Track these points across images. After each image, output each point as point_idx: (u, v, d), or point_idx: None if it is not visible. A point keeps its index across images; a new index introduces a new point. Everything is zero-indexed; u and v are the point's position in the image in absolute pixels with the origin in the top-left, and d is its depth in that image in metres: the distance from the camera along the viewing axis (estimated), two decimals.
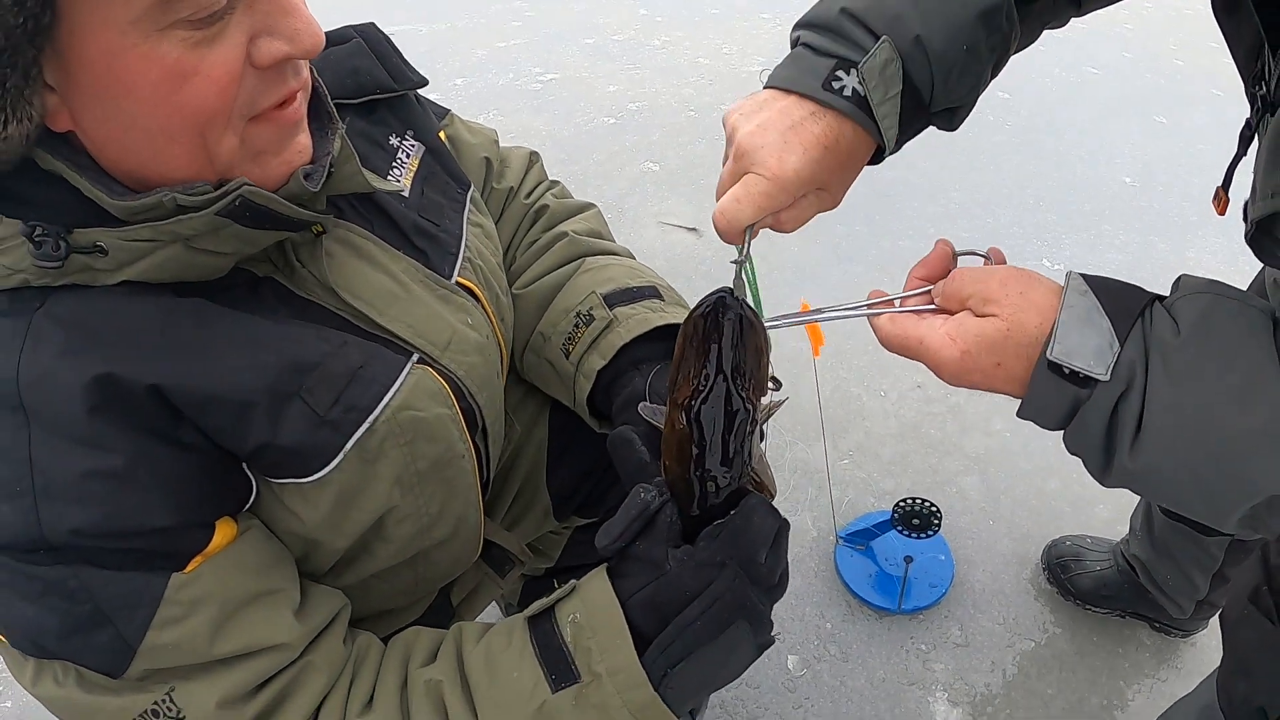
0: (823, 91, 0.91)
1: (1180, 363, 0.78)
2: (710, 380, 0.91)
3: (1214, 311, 0.79)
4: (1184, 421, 0.77)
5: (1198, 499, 0.81)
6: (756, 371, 0.94)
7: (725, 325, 0.90)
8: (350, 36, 1.17)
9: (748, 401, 0.92)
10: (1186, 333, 0.78)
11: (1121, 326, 0.81)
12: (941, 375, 0.91)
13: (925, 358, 0.92)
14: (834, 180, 0.95)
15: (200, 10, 0.76)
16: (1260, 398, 0.75)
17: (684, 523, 0.97)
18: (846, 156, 0.94)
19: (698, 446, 0.92)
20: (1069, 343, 0.82)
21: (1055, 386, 0.83)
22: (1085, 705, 2.08)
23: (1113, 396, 0.80)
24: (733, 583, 0.93)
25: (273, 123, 0.89)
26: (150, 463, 0.87)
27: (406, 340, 1.06)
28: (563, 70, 4.65)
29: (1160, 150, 4.06)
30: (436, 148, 1.24)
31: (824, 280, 3.25)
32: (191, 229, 0.86)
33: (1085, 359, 0.81)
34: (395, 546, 1.09)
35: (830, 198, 0.97)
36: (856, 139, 0.93)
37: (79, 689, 0.90)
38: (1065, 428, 0.86)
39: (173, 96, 0.79)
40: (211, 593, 0.91)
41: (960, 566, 2.32)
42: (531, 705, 0.95)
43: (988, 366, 0.87)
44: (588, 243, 1.39)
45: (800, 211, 0.97)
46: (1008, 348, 0.85)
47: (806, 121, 0.91)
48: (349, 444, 0.98)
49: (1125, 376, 0.80)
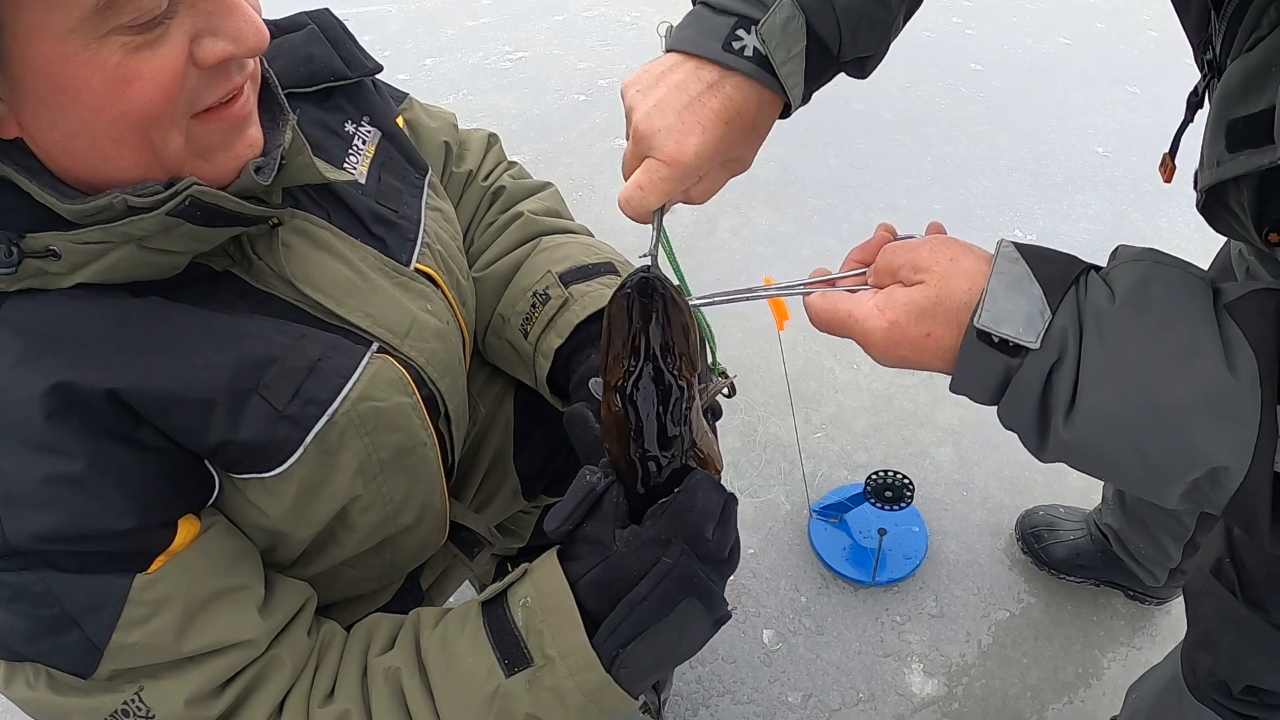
0: (723, 54, 0.87)
1: (1116, 330, 0.75)
2: (639, 361, 0.90)
3: (1151, 278, 0.77)
4: (1120, 390, 0.75)
5: (1138, 470, 0.78)
6: (685, 348, 0.93)
7: (648, 305, 0.89)
8: (304, 23, 1.16)
9: (680, 378, 0.92)
10: (1122, 299, 0.76)
11: (1054, 294, 0.78)
12: (871, 351, 0.88)
13: (854, 331, 0.89)
14: (741, 149, 0.93)
15: (140, 15, 0.76)
16: (1200, 364, 0.73)
17: (631, 502, 0.97)
18: (751, 122, 0.90)
19: (634, 427, 0.91)
20: (998, 310, 0.79)
21: (985, 356, 0.80)
22: (1061, 674, 2.09)
23: (1045, 365, 0.77)
24: (679, 559, 0.93)
25: (219, 119, 0.88)
26: (110, 466, 0.86)
27: (366, 330, 1.06)
28: (532, 48, 4.62)
29: (1133, 120, 4.08)
30: (393, 133, 1.23)
31: (795, 254, 3.25)
32: (143, 230, 0.86)
33: (1015, 326, 0.78)
34: (361, 535, 1.10)
35: (740, 164, 0.95)
36: (761, 101, 0.90)
37: (50, 691, 0.90)
38: (999, 401, 0.83)
39: (117, 100, 0.79)
40: (176, 592, 0.91)
41: (934, 538, 2.33)
42: (486, 690, 0.95)
43: (917, 337, 0.84)
44: (544, 222, 1.39)
45: (709, 184, 0.95)
46: (937, 315, 0.82)
47: (704, 96, 0.87)
48: (309, 437, 0.97)
49: (1057, 345, 0.77)
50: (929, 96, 4.22)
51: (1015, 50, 4.64)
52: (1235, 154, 0.81)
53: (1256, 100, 0.77)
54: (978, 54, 4.59)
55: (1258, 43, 0.80)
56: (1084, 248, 3.20)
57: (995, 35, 4.81)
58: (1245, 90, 0.80)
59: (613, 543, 0.95)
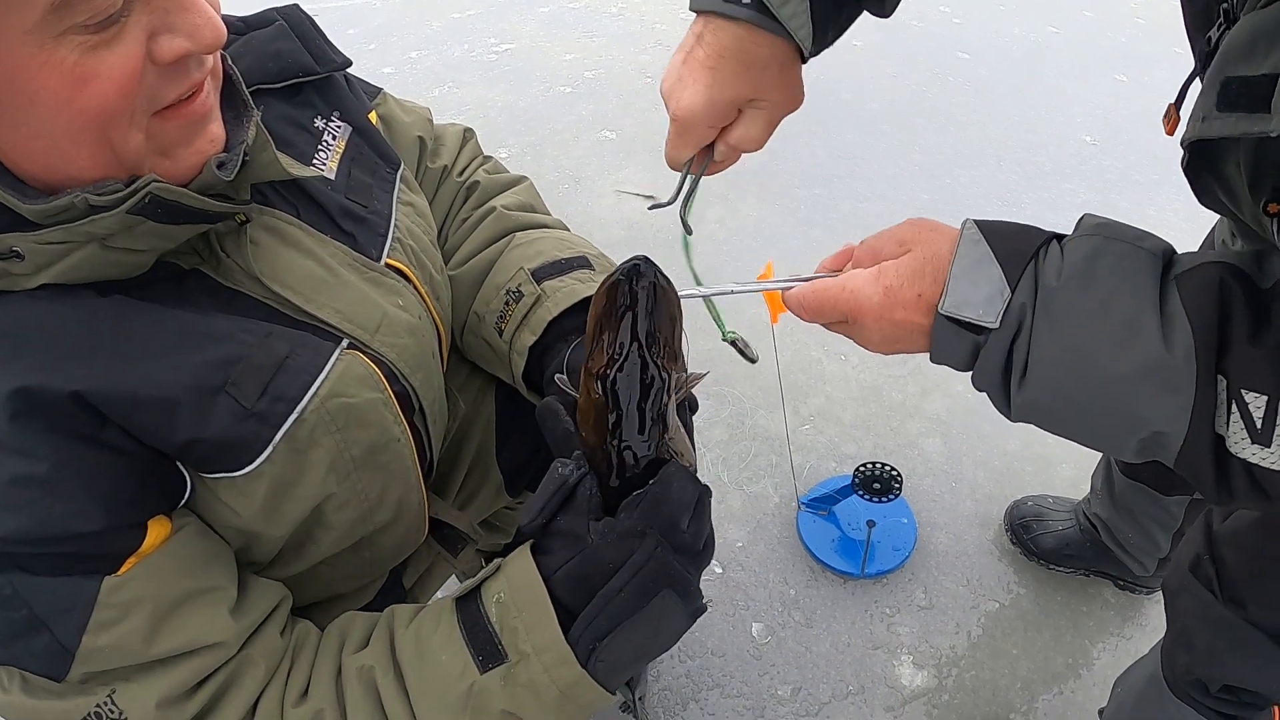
0: (724, 4, 0.90)
1: (1059, 305, 0.78)
2: (625, 349, 0.91)
3: (1100, 254, 0.79)
4: (1064, 363, 0.78)
5: (1087, 432, 0.83)
6: (671, 339, 0.94)
7: (639, 293, 0.91)
8: (273, 20, 1.16)
9: (662, 370, 0.93)
10: (1067, 275, 0.78)
11: (1013, 271, 0.81)
12: (865, 321, 0.89)
13: (846, 302, 0.90)
14: (756, 90, 0.95)
15: (95, 15, 0.76)
16: (1138, 340, 0.75)
17: (605, 494, 0.97)
18: (759, 68, 0.93)
19: (614, 416, 0.92)
20: (959, 294, 0.82)
21: (954, 334, 0.83)
22: (1051, 664, 2.09)
23: (1006, 339, 0.81)
24: (654, 551, 0.93)
25: (179, 116, 0.88)
26: (76, 467, 0.86)
27: (335, 326, 1.05)
28: (518, 40, 4.61)
29: (1121, 109, 4.08)
30: (365, 128, 1.22)
31: (783, 245, 3.25)
32: (105, 228, 0.86)
33: (976, 309, 0.81)
34: (338, 533, 1.09)
35: (772, 105, 0.98)
36: (771, 45, 0.92)
37: (24, 694, 0.90)
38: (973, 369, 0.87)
39: (74, 100, 0.79)
40: (145, 594, 0.90)
41: (923, 529, 2.33)
42: (460, 687, 0.95)
43: (910, 298, 0.85)
44: (517, 217, 1.38)
45: (745, 129, 0.99)
46: (925, 275, 0.85)
47: (693, 49, 0.94)
48: (278, 435, 0.97)
49: (1015, 320, 0.80)
50: (917, 86, 4.21)
51: (1003, 39, 4.64)
52: (1225, 114, 0.80)
53: (1259, 63, 0.76)
54: (966, 43, 4.59)
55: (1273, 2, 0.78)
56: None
57: (983, 24, 4.81)
58: (1251, 48, 0.78)
59: (587, 535, 0.95)
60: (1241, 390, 0.73)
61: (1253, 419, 0.73)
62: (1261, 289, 0.76)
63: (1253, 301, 0.75)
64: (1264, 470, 0.74)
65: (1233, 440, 0.74)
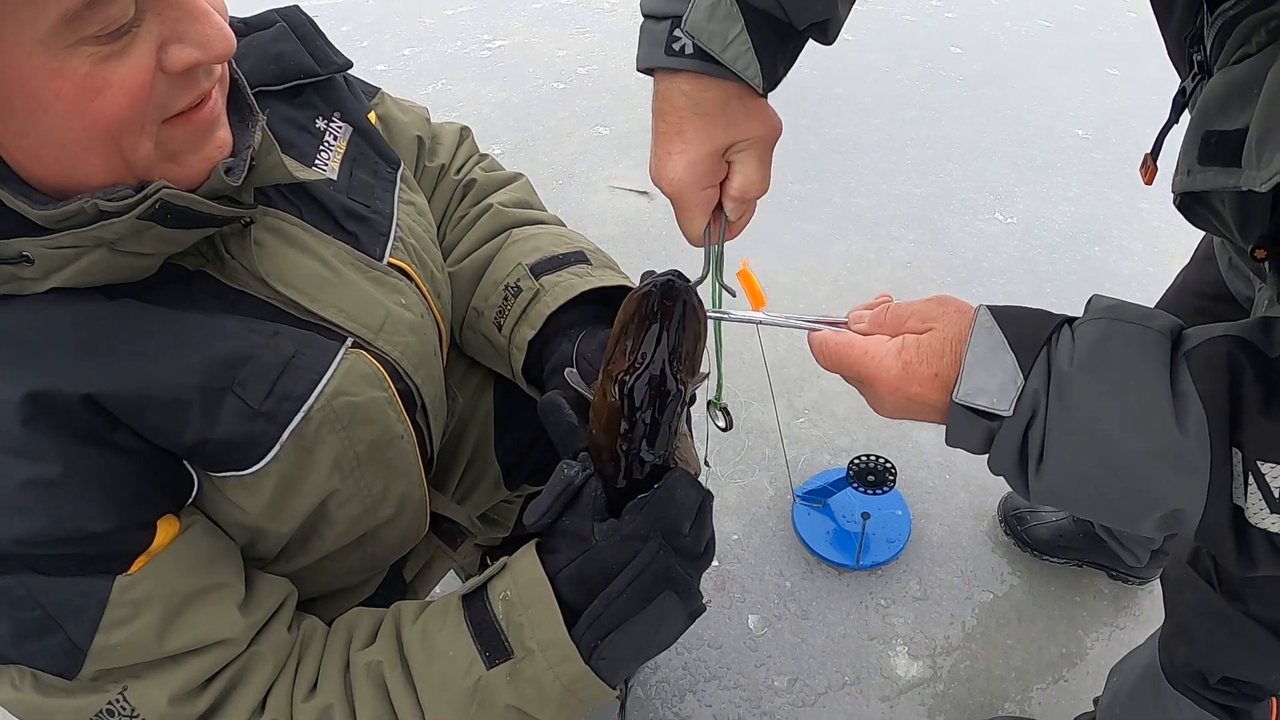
0: (667, 59, 0.91)
1: (1073, 391, 0.78)
2: (648, 358, 0.92)
3: (1109, 336, 0.79)
4: (1080, 448, 0.78)
5: (1107, 513, 0.83)
6: (693, 358, 0.96)
7: (674, 308, 0.91)
8: (274, 21, 1.16)
9: (680, 383, 0.94)
10: (1079, 360, 0.79)
11: (1026, 358, 0.81)
12: (879, 388, 0.90)
13: (868, 367, 0.91)
14: (728, 134, 0.96)
15: (107, 25, 0.76)
16: (1151, 422, 0.76)
17: (609, 495, 0.99)
18: (718, 111, 0.94)
19: (628, 422, 0.93)
20: (974, 383, 0.82)
21: (969, 421, 0.84)
22: (1045, 654, 2.11)
23: (1020, 426, 0.81)
24: (657, 554, 0.95)
25: (188, 124, 0.88)
26: (87, 469, 0.86)
27: (339, 325, 1.06)
28: (511, 36, 4.60)
29: (1113, 102, 4.09)
30: (365, 128, 1.23)
31: (776, 240, 3.26)
32: (114, 233, 0.86)
33: (990, 397, 0.81)
34: (341, 528, 1.10)
35: (752, 142, 0.98)
36: (721, 88, 0.92)
37: (36, 692, 0.91)
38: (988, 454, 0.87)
39: (86, 110, 0.79)
40: (156, 592, 0.91)
41: (917, 521, 2.34)
42: (467, 682, 0.97)
43: (926, 376, 0.86)
44: (514, 214, 1.39)
45: (741, 177, 1.00)
46: (945, 355, 0.86)
47: (657, 122, 0.95)
48: (285, 434, 0.98)
49: (1029, 407, 0.80)
50: (909, 80, 4.22)
51: (995, 33, 4.65)
52: (1205, 168, 0.82)
53: (1235, 118, 0.78)
54: (957, 37, 4.60)
55: (1245, 58, 0.81)
56: (1064, 230, 3.21)
57: (975, 18, 4.82)
58: (1226, 104, 0.80)
59: (591, 536, 0.97)
60: (1258, 462, 0.73)
61: (1270, 490, 0.73)
62: (1271, 358, 0.76)
63: (1262, 373, 0.75)
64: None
65: (1251, 511, 0.74)
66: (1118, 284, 3.10)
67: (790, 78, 0.98)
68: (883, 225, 3.33)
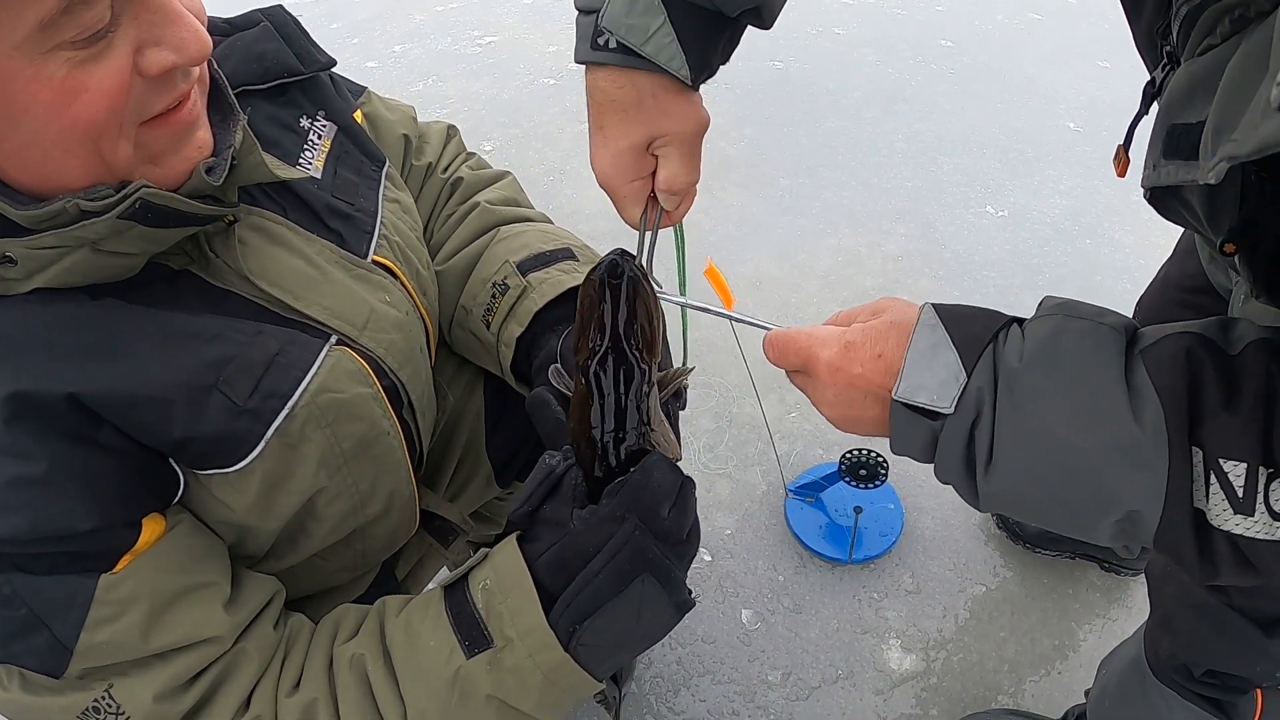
0: (593, 53, 0.91)
1: (1024, 387, 0.77)
2: (604, 341, 0.94)
3: (1062, 331, 0.78)
4: (1032, 446, 0.77)
5: (1059, 516, 0.81)
6: (649, 331, 0.96)
7: (617, 286, 0.93)
8: (257, 21, 1.17)
9: (641, 360, 0.95)
10: (1030, 356, 0.78)
11: (969, 355, 0.80)
12: (818, 370, 0.89)
13: (809, 350, 0.90)
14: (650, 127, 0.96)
15: (83, 30, 0.77)
16: (1106, 416, 0.74)
17: (591, 485, 1.00)
18: (633, 106, 0.94)
19: (595, 405, 0.96)
20: (913, 380, 0.81)
21: (911, 421, 0.82)
22: (1037, 646, 2.11)
23: (964, 425, 0.80)
24: (632, 535, 0.95)
25: (167, 125, 0.89)
26: (72, 468, 0.87)
27: (323, 323, 1.06)
28: (501, 32, 4.59)
29: (1104, 95, 4.08)
30: (349, 126, 1.23)
31: (767, 234, 3.26)
32: (96, 233, 0.87)
33: (930, 394, 0.80)
34: (329, 526, 1.11)
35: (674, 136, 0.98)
36: (633, 82, 0.93)
37: (23, 691, 0.92)
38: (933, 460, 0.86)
39: (65, 113, 0.80)
40: (141, 590, 0.92)
41: (910, 514, 2.34)
42: (447, 672, 0.98)
43: (869, 357, 0.85)
44: (501, 211, 1.40)
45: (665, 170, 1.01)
46: (890, 337, 0.84)
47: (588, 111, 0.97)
48: (270, 431, 0.98)
49: (973, 405, 0.79)
50: (900, 73, 4.22)
51: (986, 26, 4.65)
52: (1169, 161, 0.81)
53: (1198, 110, 0.77)
54: (948, 30, 4.59)
55: (1209, 49, 0.79)
56: (1055, 223, 3.20)
57: (966, 11, 4.81)
58: (1189, 97, 0.79)
59: (570, 522, 0.98)
60: (1220, 460, 0.71)
61: (1233, 488, 0.71)
62: (1230, 355, 0.74)
63: (1223, 369, 0.73)
64: (1249, 540, 0.72)
65: (1214, 513, 0.72)
66: (1109, 277, 3.10)
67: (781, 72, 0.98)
68: (874, 219, 3.32)
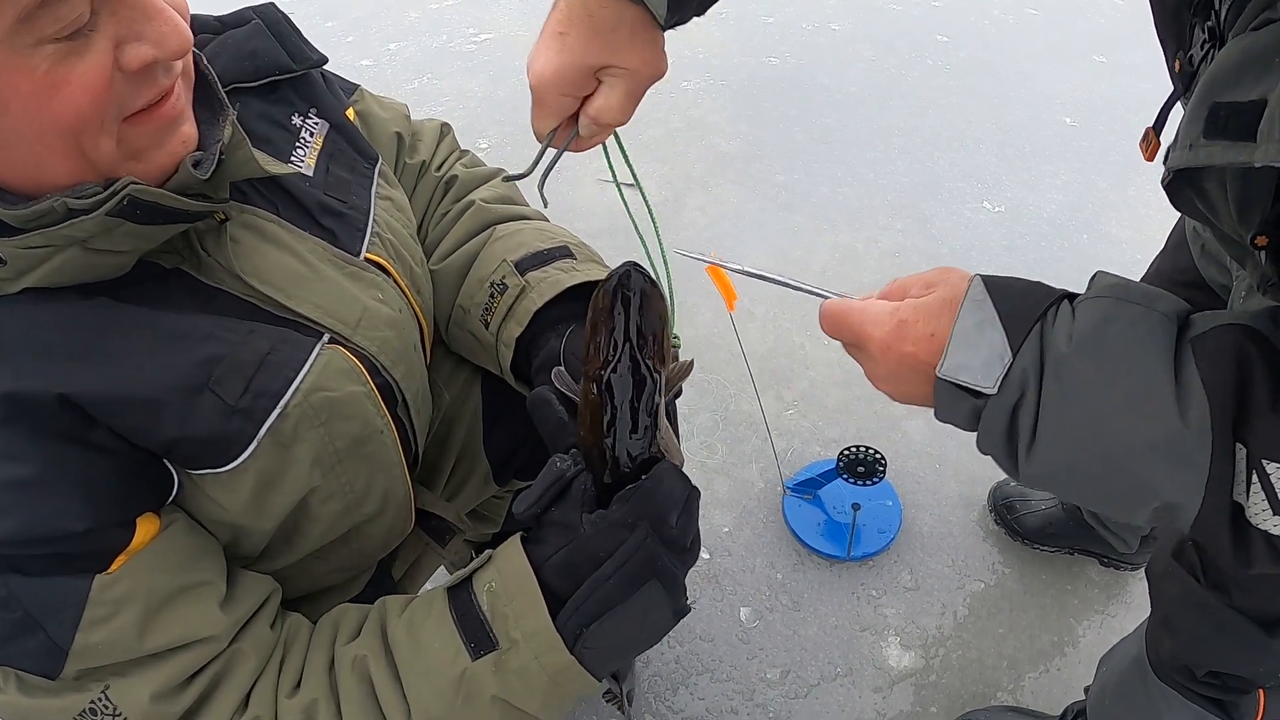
0: None
1: (1070, 375, 0.76)
2: (617, 350, 0.96)
3: (1112, 318, 0.77)
4: (1075, 433, 0.76)
5: (1099, 501, 0.81)
6: (660, 341, 0.99)
7: (630, 297, 0.96)
8: (248, 19, 1.16)
9: (653, 371, 0.97)
10: (1079, 341, 0.77)
11: (1016, 333, 0.79)
12: (871, 347, 0.89)
13: (861, 326, 0.90)
14: (607, 55, 0.96)
15: (62, 25, 0.76)
16: (1152, 411, 0.73)
17: (598, 490, 1.00)
18: (606, 32, 0.94)
19: (608, 414, 0.96)
20: (957, 358, 0.81)
21: (954, 396, 0.82)
22: (1036, 643, 2.11)
23: (1007, 406, 0.79)
24: (644, 541, 0.96)
25: (149, 121, 0.88)
26: (64, 469, 0.87)
27: (316, 321, 1.06)
28: (496, 30, 4.58)
29: (1100, 90, 4.08)
30: (341, 124, 1.23)
31: (762, 230, 3.25)
32: (85, 231, 0.86)
33: (973, 374, 0.80)
34: (324, 526, 1.10)
35: (628, 73, 0.98)
36: (618, 9, 0.93)
37: (20, 693, 0.91)
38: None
39: (45, 107, 0.79)
40: (136, 590, 0.92)
41: (908, 511, 2.34)
42: (452, 673, 0.97)
43: (921, 335, 0.85)
44: (496, 210, 1.39)
45: (604, 99, 1.00)
46: (943, 315, 0.84)
47: (550, 17, 0.96)
48: (262, 431, 0.98)
49: (1017, 386, 0.78)
50: (896, 69, 4.21)
51: (982, 21, 4.64)
52: (1211, 142, 0.77)
53: (1249, 88, 0.72)
54: (944, 25, 4.59)
55: (1267, 24, 0.75)
56: (1052, 218, 3.20)
57: (962, 6, 4.80)
58: (1240, 74, 0.75)
59: (579, 526, 0.98)
60: (1263, 461, 0.71)
61: (1274, 490, 0.71)
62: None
63: (1273, 368, 0.72)
64: None
65: (1252, 511, 0.72)
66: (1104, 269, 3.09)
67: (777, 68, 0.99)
68: (870, 215, 3.32)
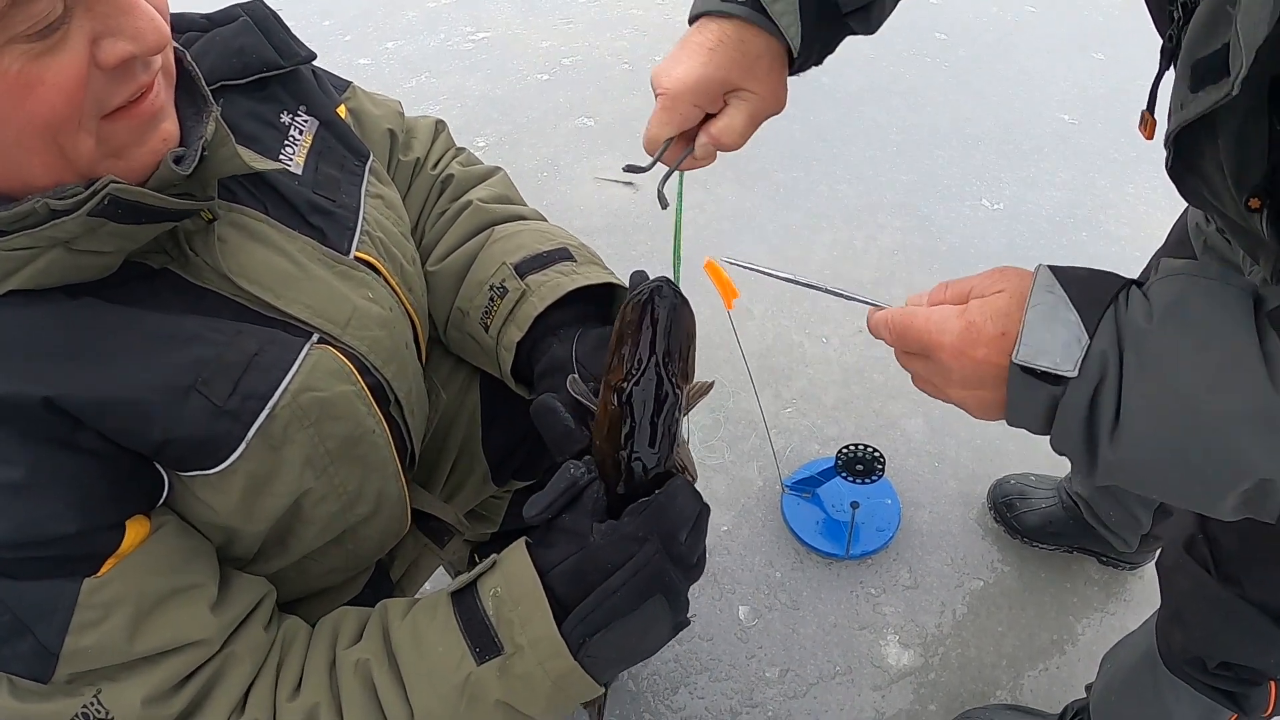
0: (721, 4, 0.94)
1: (1154, 348, 0.75)
2: (643, 365, 0.97)
3: (1189, 292, 0.76)
4: (1162, 409, 0.75)
5: (1186, 486, 0.79)
6: (686, 359, 1.00)
7: (660, 312, 0.97)
8: (236, 16, 1.15)
9: (676, 387, 0.98)
10: (1160, 316, 0.76)
11: (1090, 317, 0.78)
12: (942, 354, 0.87)
13: (928, 333, 0.88)
14: (745, 79, 0.97)
15: (36, 23, 0.75)
16: (1241, 378, 0.72)
17: (610, 500, 1.01)
18: (751, 57, 0.96)
19: (627, 427, 0.97)
20: (1035, 343, 0.79)
21: (1030, 387, 0.81)
22: (1035, 641, 2.11)
23: (1087, 390, 0.78)
24: (654, 556, 0.96)
25: (129, 118, 0.87)
26: (51, 472, 0.87)
27: (305, 321, 1.05)
28: (494, 28, 4.58)
29: (1099, 87, 4.07)
30: (332, 121, 1.22)
31: (761, 229, 3.25)
32: (68, 232, 0.85)
33: (1052, 357, 0.78)
34: (318, 527, 1.10)
35: (758, 99, 0.99)
36: (762, 41, 0.96)
37: (12, 698, 0.91)
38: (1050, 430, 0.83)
39: (21, 107, 0.78)
40: (126, 593, 0.91)
41: (907, 509, 2.33)
42: (457, 678, 0.97)
43: (992, 336, 0.83)
44: (494, 210, 1.38)
45: (729, 120, 1.00)
46: (1012, 315, 0.83)
47: (694, 34, 0.97)
48: (250, 432, 0.97)
49: (1097, 368, 0.77)
50: (894, 66, 4.20)
51: (980, 18, 4.63)
52: (1197, 93, 0.79)
53: (1220, 37, 0.75)
54: (943, 23, 4.58)
55: None
56: (1051, 215, 3.20)
57: (960, 4, 4.79)
58: (1211, 27, 0.77)
59: (589, 534, 0.98)
60: None
61: None
62: None
63: None
64: None
65: None
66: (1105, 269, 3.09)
67: None
68: (869, 213, 3.31)
